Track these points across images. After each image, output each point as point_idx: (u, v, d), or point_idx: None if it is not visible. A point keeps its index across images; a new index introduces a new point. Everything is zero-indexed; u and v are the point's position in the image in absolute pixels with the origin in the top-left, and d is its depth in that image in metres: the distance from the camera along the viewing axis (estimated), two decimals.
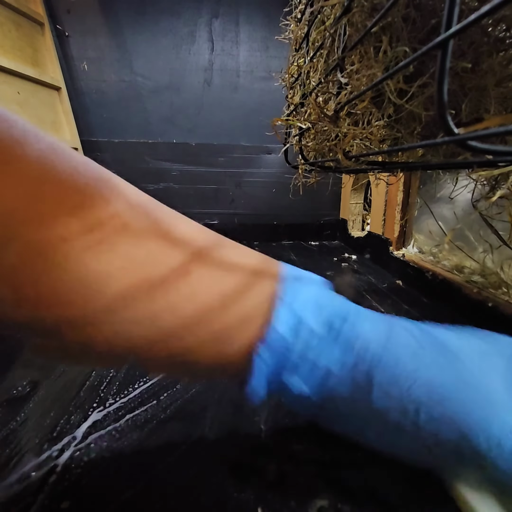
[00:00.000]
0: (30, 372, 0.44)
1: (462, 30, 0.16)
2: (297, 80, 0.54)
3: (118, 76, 1.21)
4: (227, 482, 0.28)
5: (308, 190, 1.37)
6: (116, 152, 1.26)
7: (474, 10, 0.24)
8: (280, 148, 1.28)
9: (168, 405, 0.37)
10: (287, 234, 1.40)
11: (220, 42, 1.22)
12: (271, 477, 0.28)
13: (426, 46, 0.17)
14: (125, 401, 0.38)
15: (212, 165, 1.31)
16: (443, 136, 0.18)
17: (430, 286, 0.72)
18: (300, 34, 0.50)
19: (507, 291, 0.57)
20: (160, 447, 0.32)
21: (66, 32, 1.16)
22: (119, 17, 1.17)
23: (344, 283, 0.85)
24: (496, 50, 0.29)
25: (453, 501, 0.26)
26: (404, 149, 0.30)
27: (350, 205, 1.28)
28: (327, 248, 1.29)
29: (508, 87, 0.30)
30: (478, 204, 0.57)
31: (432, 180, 0.82)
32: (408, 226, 0.90)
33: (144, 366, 0.24)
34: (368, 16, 0.33)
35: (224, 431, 0.34)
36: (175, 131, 1.27)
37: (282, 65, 1.24)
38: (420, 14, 0.31)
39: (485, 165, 0.35)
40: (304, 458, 0.30)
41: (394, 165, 0.42)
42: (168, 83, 1.24)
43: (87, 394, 0.39)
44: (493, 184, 0.43)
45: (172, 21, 1.19)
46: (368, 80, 0.33)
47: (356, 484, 0.28)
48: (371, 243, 1.06)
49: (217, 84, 1.25)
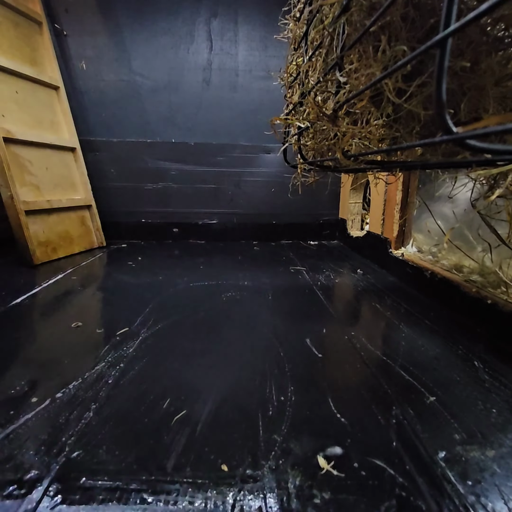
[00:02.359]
0: (29, 371, 0.44)
1: (461, 29, 0.16)
2: (296, 79, 0.54)
3: (116, 75, 1.21)
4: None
5: (307, 190, 1.38)
6: (114, 151, 1.26)
7: (473, 9, 0.24)
8: (279, 148, 1.28)
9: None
10: (286, 233, 1.40)
11: (219, 41, 1.22)
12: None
13: (425, 44, 0.17)
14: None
15: (211, 165, 1.30)
16: (442, 135, 0.18)
17: (429, 285, 0.72)
18: (299, 33, 0.50)
19: (506, 290, 0.57)
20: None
21: (64, 31, 1.15)
22: (118, 17, 1.16)
23: (344, 282, 0.85)
24: (495, 50, 0.29)
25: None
26: (403, 148, 0.30)
27: (349, 204, 1.28)
28: (326, 247, 1.29)
29: (507, 86, 0.30)
30: (477, 203, 0.57)
31: (431, 180, 0.82)
32: (407, 226, 0.90)
33: None
34: (367, 15, 0.33)
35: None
36: (174, 131, 1.27)
37: (281, 64, 1.24)
38: (419, 13, 0.31)
39: (484, 164, 0.35)
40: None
41: (393, 164, 0.42)
42: (166, 83, 1.23)
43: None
44: (492, 183, 0.43)
45: (171, 21, 1.19)
46: (367, 79, 0.33)
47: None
48: (370, 243, 1.06)
49: (216, 84, 1.25)
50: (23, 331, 0.56)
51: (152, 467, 0.30)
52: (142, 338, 0.53)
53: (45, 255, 0.98)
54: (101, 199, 1.25)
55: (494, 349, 0.50)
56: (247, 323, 0.60)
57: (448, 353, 0.49)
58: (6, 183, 0.89)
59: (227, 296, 0.73)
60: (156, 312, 0.64)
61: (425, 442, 0.33)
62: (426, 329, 0.57)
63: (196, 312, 0.64)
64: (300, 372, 0.44)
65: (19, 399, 0.38)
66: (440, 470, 0.30)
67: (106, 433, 0.33)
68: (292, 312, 0.65)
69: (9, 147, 0.92)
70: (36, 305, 0.67)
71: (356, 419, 0.36)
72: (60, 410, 0.37)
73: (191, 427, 0.34)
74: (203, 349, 0.50)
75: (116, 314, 0.63)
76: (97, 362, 0.46)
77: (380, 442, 0.33)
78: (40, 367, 0.45)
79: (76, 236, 1.12)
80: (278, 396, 0.39)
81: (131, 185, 1.29)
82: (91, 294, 0.74)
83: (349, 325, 0.59)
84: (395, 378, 0.43)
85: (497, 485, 0.28)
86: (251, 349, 0.51)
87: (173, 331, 0.56)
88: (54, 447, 0.32)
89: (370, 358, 0.48)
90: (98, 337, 0.54)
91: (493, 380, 0.43)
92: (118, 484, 0.28)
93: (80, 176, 1.18)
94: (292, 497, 0.27)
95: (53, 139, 1.07)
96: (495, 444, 0.33)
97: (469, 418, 0.36)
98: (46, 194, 1.02)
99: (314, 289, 0.79)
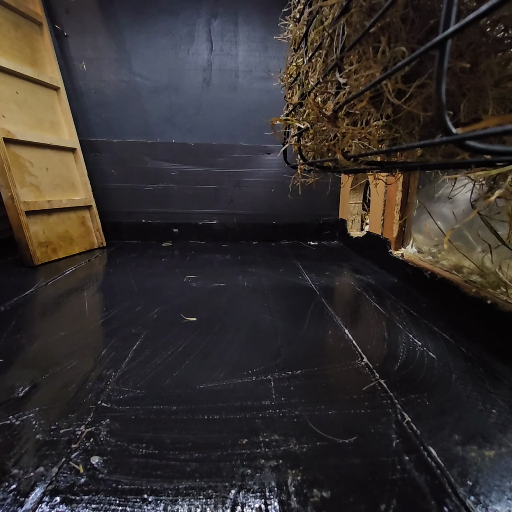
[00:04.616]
0: (29, 372, 0.44)
1: (460, 30, 0.16)
2: (295, 80, 0.54)
3: (117, 76, 1.21)
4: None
5: (307, 190, 1.38)
6: (115, 152, 1.26)
7: (472, 10, 0.24)
8: (279, 148, 1.28)
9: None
10: (286, 234, 1.40)
11: (219, 42, 1.22)
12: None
13: (424, 46, 0.17)
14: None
15: (211, 165, 1.31)
16: (442, 136, 0.18)
17: (429, 286, 0.72)
18: (298, 34, 0.50)
19: (506, 290, 0.57)
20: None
21: (65, 32, 1.16)
22: (118, 17, 1.17)
23: (344, 283, 0.85)
24: (495, 51, 0.30)
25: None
26: (403, 149, 0.30)
27: (349, 205, 1.28)
28: (326, 248, 1.30)
29: (506, 87, 0.30)
30: (477, 204, 0.57)
31: (431, 180, 0.82)
32: (407, 226, 0.90)
33: None
34: (367, 16, 0.33)
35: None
36: (174, 131, 1.27)
37: (281, 65, 1.24)
38: (418, 14, 0.31)
39: (483, 165, 0.35)
40: None
41: (393, 165, 0.42)
42: (167, 83, 1.23)
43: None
44: (491, 184, 0.43)
45: (171, 21, 1.19)
46: (367, 80, 0.33)
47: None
48: (370, 243, 1.06)
49: (216, 84, 1.25)
50: (23, 331, 0.56)
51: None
52: (142, 338, 0.53)
53: (45, 256, 0.98)
54: (101, 200, 1.26)
55: (494, 349, 0.50)
56: (247, 323, 0.60)
57: (448, 353, 0.50)
58: (6, 183, 0.89)
59: (227, 296, 0.73)
60: (156, 312, 0.64)
61: (425, 442, 0.33)
62: (426, 329, 0.57)
63: (196, 312, 0.64)
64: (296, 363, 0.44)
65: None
66: (440, 470, 0.30)
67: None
68: (292, 312, 0.65)
69: (10, 147, 0.92)
70: (36, 305, 0.67)
71: (353, 423, 0.36)
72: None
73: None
74: (203, 349, 0.50)
75: (116, 314, 0.63)
76: (96, 364, 0.46)
77: (380, 443, 0.33)
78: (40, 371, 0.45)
79: (76, 237, 1.12)
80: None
81: (131, 185, 1.29)
82: (91, 294, 0.74)
83: (349, 325, 0.59)
84: (395, 378, 0.43)
85: (497, 485, 0.28)
86: (251, 349, 0.51)
87: (173, 331, 0.56)
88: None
89: (370, 358, 0.48)
90: (98, 339, 0.54)
91: (493, 380, 0.43)
92: (118, 484, 0.28)
93: (81, 177, 1.18)
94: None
95: (54, 139, 1.07)
96: (495, 444, 0.33)
97: (469, 418, 0.36)
98: (47, 194, 1.02)
99: (314, 289, 0.79)
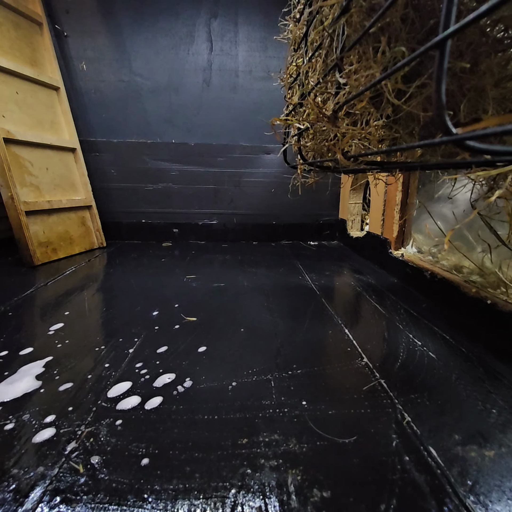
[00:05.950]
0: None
1: (460, 30, 0.16)
2: (295, 80, 0.54)
3: (117, 76, 1.21)
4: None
5: (307, 190, 1.38)
6: (115, 152, 1.26)
7: (472, 10, 0.24)
8: (279, 148, 1.28)
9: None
10: (286, 234, 1.40)
11: (219, 42, 1.22)
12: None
13: (424, 46, 0.17)
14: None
15: (211, 165, 1.31)
16: (442, 136, 0.18)
17: (429, 286, 0.72)
18: (298, 34, 0.50)
19: (506, 290, 0.57)
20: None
21: (64, 32, 1.16)
22: (118, 17, 1.17)
23: (344, 283, 0.85)
24: (495, 51, 0.30)
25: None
26: (403, 149, 0.30)
27: (349, 205, 1.28)
28: (326, 248, 1.30)
29: (506, 87, 0.30)
30: (477, 204, 0.57)
31: (431, 180, 0.82)
32: (407, 226, 0.90)
33: None
34: (367, 16, 0.33)
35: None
36: (174, 131, 1.27)
37: (281, 65, 1.24)
38: (418, 14, 0.31)
39: (483, 165, 0.35)
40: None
41: (393, 165, 0.42)
42: (167, 83, 1.23)
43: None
44: (491, 184, 0.43)
45: (171, 21, 1.19)
46: (367, 80, 0.33)
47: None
48: (370, 243, 1.06)
49: (216, 84, 1.25)
50: (23, 331, 0.56)
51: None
52: (142, 337, 0.53)
53: (45, 256, 0.98)
54: (101, 200, 1.26)
55: (494, 349, 0.50)
56: (247, 323, 0.60)
57: (448, 353, 0.49)
58: (6, 183, 0.89)
59: (227, 296, 0.73)
60: (156, 312, 0.64)
61: (425, 441, 0.33)
62: (426, 329, 0.57)
63: (196, 312, 0.64)
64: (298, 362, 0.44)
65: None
66: (440, 470, 0.30)
67: None
68: (292, 312, 0.65)
69: (10, 147, 0.92)
70: (36, 305, 0.67)
71: (353, 423, 0.36)
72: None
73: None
74: (202, 348, 0.50)
75: (116, 314, 0.63)
76: (97, 363, 0.46)
77: (380, 443, 0.33)
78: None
79: (76, 237, 1.12)
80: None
81: (132, 185, 1.29)
82: (91, 294, 0.74)
83: (349, 325, 0.59)
84: (394, 378, 0.43)
85: (497, 485, 0.28)
86: (251, 349, 0.51)
87: (174, 331, 0.56)
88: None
89: (370, 357, 0.48)
90: (97, 339, 0.54)
91: (493, 380, 0.43)
92: (118, 484, 0.28)
93: (81, 177, 1.18)
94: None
95: (54, 139, 1.07)
96: (495, 444, 0.33)
97: (469, 418, 0.36)
98: (47, 194, 1.02)
99: (314, 289, 0.79)
